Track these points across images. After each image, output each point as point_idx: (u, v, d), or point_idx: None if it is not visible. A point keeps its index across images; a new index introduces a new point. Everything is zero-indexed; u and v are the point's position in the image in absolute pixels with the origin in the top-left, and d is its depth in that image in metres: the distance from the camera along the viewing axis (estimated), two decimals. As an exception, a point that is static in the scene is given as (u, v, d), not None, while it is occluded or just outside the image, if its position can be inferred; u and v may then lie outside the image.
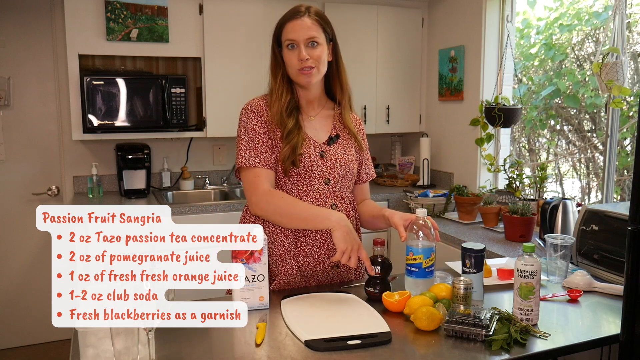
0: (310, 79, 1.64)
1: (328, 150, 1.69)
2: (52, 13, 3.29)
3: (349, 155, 1.72)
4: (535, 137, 3.68)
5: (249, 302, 1.39)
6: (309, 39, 1.60)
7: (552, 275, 1.70)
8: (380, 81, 3.67)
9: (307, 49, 1.61)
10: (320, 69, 1.64)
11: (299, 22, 1.61)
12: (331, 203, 1.67)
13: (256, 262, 1.39)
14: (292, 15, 1.63)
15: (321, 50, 1.63)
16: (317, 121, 1.73)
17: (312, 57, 1.61)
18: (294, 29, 1.61)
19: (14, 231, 3.38)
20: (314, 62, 1.61)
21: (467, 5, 3.35)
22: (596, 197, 3.25)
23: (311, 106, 1.74)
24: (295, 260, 1.64)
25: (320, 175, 1.66)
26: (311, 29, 1.61)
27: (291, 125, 1.64)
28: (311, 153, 1.66)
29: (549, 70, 3.44)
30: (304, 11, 1.63)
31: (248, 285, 1.40)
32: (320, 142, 1.69)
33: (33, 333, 3.45)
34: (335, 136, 1.72)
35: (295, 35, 1.61)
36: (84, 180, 3.40)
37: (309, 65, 1.61)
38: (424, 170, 3.60)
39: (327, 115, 1.75)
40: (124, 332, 1.03)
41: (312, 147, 1.67)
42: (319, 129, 1.72)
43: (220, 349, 1.26)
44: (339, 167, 1.68)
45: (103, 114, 3.03)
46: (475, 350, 1.20)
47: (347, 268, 1.70)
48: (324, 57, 1.65)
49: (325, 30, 1.65)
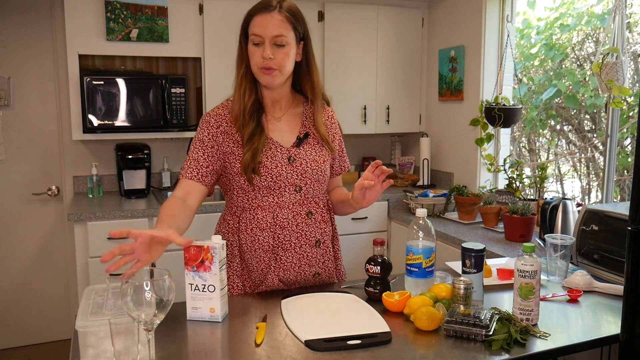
0: (272, 80, 1.53)
1: (297, 154, 1.59)
2: (52, 13, 3.29)
3: (320, 156, 1.62)
4: (536, 137, 3.68)
5: (199, 312, 1.35)
6: (276, 37, 1.49)
7: (552, 275, 1.70)
8: (380, 81, 3.67)
9: (273, 48, 1.49)
10: (283, 71, 1.53)
11: (267, 18, 1.49)
12: (306, 211, 1.60)
13: (206, 271, 1.32)
14: (262, 8, 1.50)
15: (287, 51, 1.51)
16: (284, 122, 1.63)
17: (276, 57, 1.50)
18: (262, 23, 1.49)
19: (14, 231, 3.38)
20: (276, 64, 1.50)
21: (467, 5, 3.35)
22: (596, 197, 3.25)
23: (277, 106, 1.63)
24: (276, 274, 1.60)
25: (290, 183, 1.58)
26: (279, 27, 1.49)
27: (251, 128, 1.54)
28: (278, 160, 1.56)
29: (549, 70, 3.44)
30: (274, 5, 1.50)
31: (198, 294, 1.34)
32: (287, 146, 1.59)
33: (33, 333, 3.45)
34: (304, 136, 1.62)
35: (261, 31, 1.49)
36: (84, 180, 3.40)
37: (270, 66, 1.50)
38: (424, 170, 3.60)
39: (296, 114, 1.65)
40: (124, 332, 1.03)
41: (278, 154, 1.57)
42: (285, 131, 1.62)
43: (220, 349, 1.26)
44: (310, 172, 1.59)
45: (103, 114, 3.03)
46: (475, 350, 1.20)
47: (328, 274, 1.67)
48: (290, 59, 1.53)
49: (296, 29, 1.53)
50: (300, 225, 1.60)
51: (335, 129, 1.72)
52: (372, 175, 1.49)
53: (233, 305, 1.45)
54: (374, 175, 1.49)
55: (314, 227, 1.62)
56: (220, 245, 1.33)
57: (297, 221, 1.59)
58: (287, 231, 1.59)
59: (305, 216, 1.60)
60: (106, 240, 2.84)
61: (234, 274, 1.63)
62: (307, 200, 1.61)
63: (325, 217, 1.65)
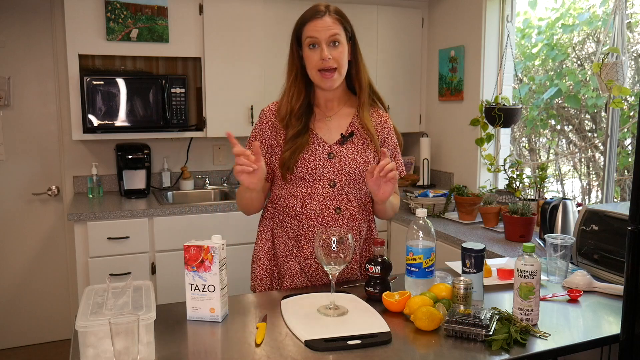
0: (332, 83, 1.61)
1: (338, 150, 1.64)
2: (52, 13, 3.29)
3: (361, 156, 1.65)
4: (536, 137, 3.68)
5: (199, 312, 1.35)
6: (331, 37, 1.58)
7: (552, 275, 1.70)
8: (380, 81, 3.67)
9: (329, 49, 1.58)
10: (342, 70, 1.61)
11: (320, 22, 1.58)
12: (335, 206, 1.64)
13: (206, 271, 1.33)
14: (313, 15, 1.60)
15: (342, 50, 1.60)
16: (334, 120, 1.69)
17: (333, 57, 1.57)
18: (316, 28, 1.58)
19: (14, 231, 3.38)
20: (335, 63, 1.58)
21: (467, 5, 3.35)
22: (596, 197, 3.24)
23: (330, 105, 1.70)
24: (297, 262, 1.65)
25: (326, 177, 1.63)
26: (333, 28, 1.58)
27: (296, 130, 1.62)
28: (318, 155, 1.63)
29: (549, 70, 3.44)
30: (324, 10, 1.60)
31: (198, 294, 1.35)
32: (330, 143, 1.65)
33: (33, 333, 3.45)
34: (349, 134, 1.66)
35: (317, 34, 1.58)
36: (84, 180, 3.40)
37: (330, 66, 1.58)
38: (424, 170, 3.60)
39: (347, 114, 1.70)
40: (124, 332, 1.03)
41: (320, 149, 1.63)
42: (333, 129, 1.67)
43: (220, 349, 1.26)
44: (346, 169, 1.63)
45: (103, 114, 3.03)
46: (475, 350, 1.20)
47: (351, 269, 1.69)
48: (345, 57, 1.61)
49: (346, 29, 1.62)
50: (326, 219, 1.63)
51: (387, 134, 1.73)
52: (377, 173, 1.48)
53: (233, 305, 1.45)
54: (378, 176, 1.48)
55: (341, 223, 1.64)
56: (220, 245, 1.33)
57: (324, 214, 1.63)
58: (312, 222, 1.64)
59: (333, 211, 1.63)
60: (106, 240, 2.85)
61: (264, 257, 1.73)
62: (340, 197, 1.64)
63: (356, 216, 1.67)
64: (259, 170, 1.47)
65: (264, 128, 1.69)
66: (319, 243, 1.34)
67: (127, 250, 2.90)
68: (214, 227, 2.99)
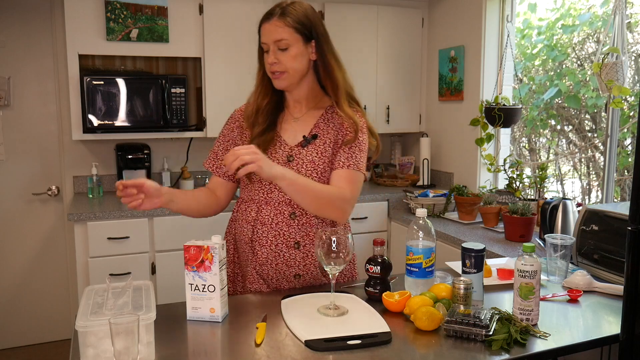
0: (280, 82, 1.58)
1: (298, 153, 1.60)
2: (52, 13, 3.29)
3: (320, 159, 1.59)
4: (536, 137, 3.68)
5: (199, 312, 1.35)
6: (277, 42, 1.54)
7: (552, 275, 1.70)
8: (380, 81, 3.67)
9: (277, 53, 1.54)
10: (292, 72, 1.56)
11: (268, 26, 1.55)
12: (290, 212, 1.59)
13: (206, 271, 1.32)
14: (265, 17, 1.58)
15: (291, 53, 1.54)
16: (302, 122, 1.64)
17: (280, 61, 1.54)
18: (264, 32, 1.56)
19: (14, 231, 3.38)
20: (282, 67, 1.54)
21: (467, 5, 3.35)
22: (596, 197, 3.24)
23: (298, 106, 1.66)
24: (253, 267, 1.62)
25: None
26: (278, 32, 1.53)
27: (262, 128, 1.60)
28: (277, 157, 1.59)
29: (549, 70, 3.44)
30: (276, 12, 1.55)
31: (198, 294, 1.34)
32: (292, 145, 1.61)
33: (33, 333, 3.45)
34: (311, 137, 1.61)
35: (265, 39, 1.56)
36: (84, 180, 3.40)
37: (275, 70, 1.55)
38: (424, 170, 3.60)
39: (315, 116, 1.65)
40: (124, 332, 1.03)
41: (280, 151, 1.60)
42: (299, 131, 1.63)
43: (220, 349, 1.26)
44: (303, 173, 1.58)
45: (103, 114, 3.03)
46: (475, 350, 1.20)
47: (312, 277, 1.64)
48: (297, 60, 1.55)
49: (300, 31, 1.54)
50: (280, 225, 1.59)
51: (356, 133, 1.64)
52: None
53: (233, 305, 1.45)
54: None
55: (295, 229, 1.60)
56: (220, 245, 1.33)
57: (278, 220, 1.59)
58: (266, 228, 1.60)
59: (288, 216, 1.59)
60: (106, 240, 2.84)
61: (229, 260, 1.70)
62: (295, 202, 1.57)
63: (313, 221, 1.61)
64: (149, 195, 1.49)
65: (231, 128, 1.69)
66: (319, 243, 1.34)
67: (127, 250, 2.90)
68: (214, 227, 2.98)
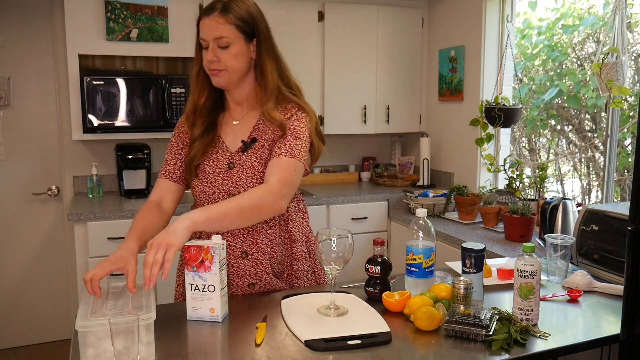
0: (219, 80, 1.50)
1: (239, 159, 1.53)
2: (52, 13, 3.29)
3: (260, 162, 1.52)
4: (536, 137, 3.68)
5: (199, 312, 1.35)
6: (216, 39, 1.46)
7: (552, 275, 1.70)
8: (380, 81, 3.67)
9: (217, 51, 1.46)
10: (231, 70, 1.48)
11: (208, 21, 1.47)
12: None
13: (206, 270, 1.31)
14: (205, 11, 1.48)
15: (232, 52, 1.47)
16: (242, 124, 1.56)
17: (220, 59, 1.46)
18: (203, 27, 1.48)
19: (14, 231, 3.38)
20: (222, 65, 1.47)
21: (467, 5, 3.35)
22: (596, 197, 3.24)
23: (239, 108, 1.59)
24: None
25: (225, 190, 1.53)
26: (218, 29, 1.45)
27: (201, 129, 1.53)
28: (218, 165, 1.53)
29: (549, 70, 3.44)
30: (217, 7, 1.47)
31: (198, 294, 1.33)
32: (233, 150, 1.54)
33: (33, 333, 3.45)
34: (250, 141, 1.54)
35: (204, 35, 1.48)
36: (84, 180, 3.40)
37: (214, 68, 1.48)
38: (424, 170, 3.60)
39: (255, 116, 1.57)
40: (124, 332, 1.03)
41: (221, 158, 1.54)
42: (239, 134, 1.55)
43: (220, 349, 1.26)
44: (244, 180, 1.51)
45: (103, 114, 3.04)
46: (475, 350, 1.20)
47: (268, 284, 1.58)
48: (238, 58, 1.48)
49: (242, 29, 1.47)
50: (224, 236, 1.53)
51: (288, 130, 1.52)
52: None
53: (233, 305, 1.45)
54: None
55: (241, 239, 1.55)
56: (220, 245, 1.33)
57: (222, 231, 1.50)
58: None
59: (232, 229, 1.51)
60: (106, 240, 2.84)
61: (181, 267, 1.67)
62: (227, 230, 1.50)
63: (258, 228, 1.54)
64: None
65: (178, 133, 1.62)
66: (319, 243, 1.34)
67: (127, 250, 2.90)
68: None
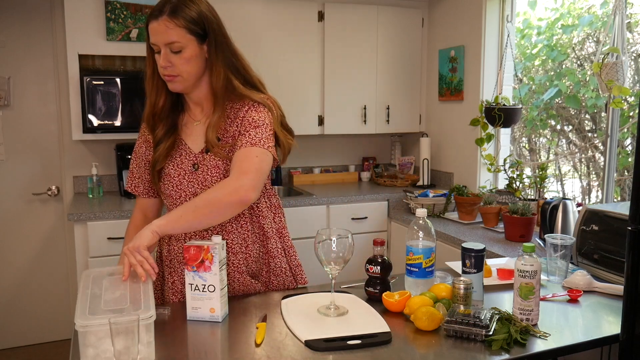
0: (174, 86, 1.45)
1: (203, 160, 1.49)
2: (52, 13, 3.29)
3: (223, 161, 1.47)
4: (536, 137, 3.68)
5: (199, 312, 1.35)
6: (168, 44, 1.39)
7: (552, 275, 1.70)
8: (380, 81, 3.67)
9: (170, 56, 1.40)
10: (185, 75, 1.43)
11: (156, 25, 1.39)
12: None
13: (206, 271, 1.31)
14: (152, 14, 1.40)
15: (184, 57, 1.41)
16: (203, 124, 1.51)
17: (173, 64, 1.41)
18: (153, 32, 1.41)
19: (14, 231, 3.38)
20: (176, 71, 1.42)
21: (467, 5, 3.35)
22: (596, 197, 3.25)
23: (198, 109, 1.54)
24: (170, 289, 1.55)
25: (191, 192, 1.49)
26: (168, 34, 1.38)
27: (162, 132, 1.50)
28: (183, 168, 1.50)
29: (549, 70, 3.44)
30: (165, 10, 1.38)
31: (198, 294, 1.33)
32: (196, 152, 1.50)
33: (33, 333, 3.44)
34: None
35: (154, 39, 1.41)
36: (84, 180, 3.40)
37: (168, 74, 1.43)
38: (424, 170, 3.60)
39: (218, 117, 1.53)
40: (124, 332, 1.03)
41: (185, 160, 1.50)
42: (201, 135, 1.50)
43: (220, 349, 1.26)
44: (209, 180, 1.48)
45: (103, 114, 3.03)
46: (475, 350, 1.20)
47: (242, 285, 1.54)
48: (192, 62, 1.42)
49: (193, 31, 1.41)
50: (193, 238, 1.50)
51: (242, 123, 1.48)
52: None
53: (233, 305, 1.45)
54: None
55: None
56: (220, 245, 1.33)
57: (190, 234, 1.50)
58: (180, 243, 1.52)
59: (200, 230, 1.49)
60: (106, 240, 2.84)
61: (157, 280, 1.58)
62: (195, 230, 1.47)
63: (228, 228, 1.52)
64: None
65: (139, 143, 1.59)
66: (319, 243, 1.34)
67: (127, 250, 2.90)
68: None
